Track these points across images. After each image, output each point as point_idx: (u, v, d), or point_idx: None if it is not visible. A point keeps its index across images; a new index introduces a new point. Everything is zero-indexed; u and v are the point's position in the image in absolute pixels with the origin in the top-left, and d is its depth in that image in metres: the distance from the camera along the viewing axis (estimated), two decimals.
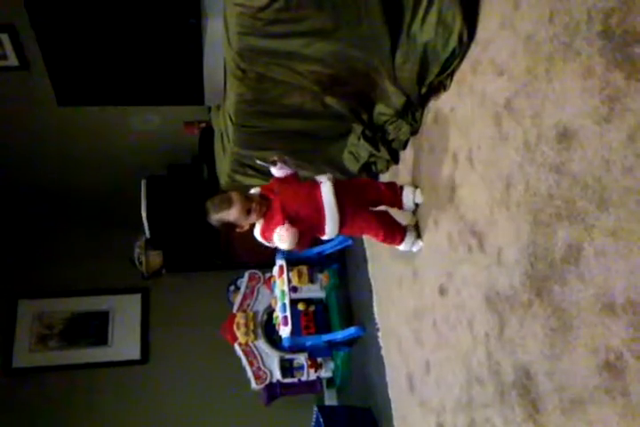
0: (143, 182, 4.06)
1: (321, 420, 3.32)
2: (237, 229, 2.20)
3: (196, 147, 4.09)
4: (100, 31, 2.64)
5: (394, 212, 2.52)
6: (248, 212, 2.12)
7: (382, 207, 2.48)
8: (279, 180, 2.25)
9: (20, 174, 4.37)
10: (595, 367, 1.35)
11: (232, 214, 2.12)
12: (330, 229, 2.22)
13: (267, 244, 2.23)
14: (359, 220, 2.31)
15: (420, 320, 2.46)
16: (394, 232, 2.41)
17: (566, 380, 1.46)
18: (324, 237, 2.31)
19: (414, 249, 2.45)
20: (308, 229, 2.19)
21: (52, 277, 4.63)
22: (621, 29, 1.32)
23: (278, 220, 2.13)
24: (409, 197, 2.44)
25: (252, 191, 2.25)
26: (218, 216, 2.14)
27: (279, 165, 2.19)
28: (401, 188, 2.46)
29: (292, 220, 2.12)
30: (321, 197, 2.20)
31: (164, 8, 2.59)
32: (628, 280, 1.26)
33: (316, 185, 2.25)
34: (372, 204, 2.41)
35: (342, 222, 2.23)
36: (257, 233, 2.22)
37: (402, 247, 2.46)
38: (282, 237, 2.08)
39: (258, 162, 2.32)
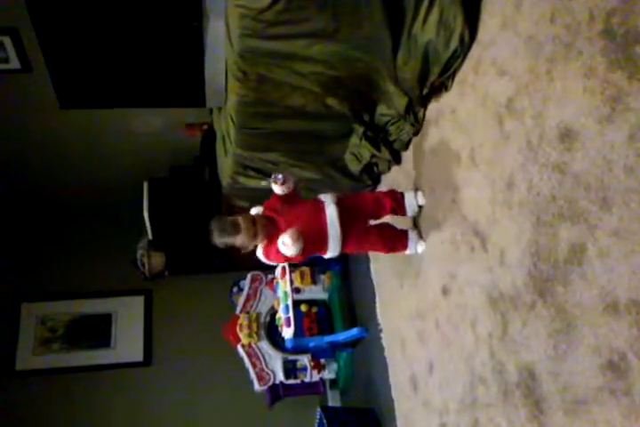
0: (145, 184, 4.07)
1: (324, 421, 3.32)
2: (242, 251, 2.19)
3: (197, 148, 4.10)
4: (102, 34, 2.64)
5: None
6: (254, 236, 2.13)
7: (387, 217, 2.48)
8: (281, 197, 2.23)
9: (22, 177, 4.37)
10: (598, 368, 1.35)
11: (239, 240, 2.12)
12: (332, 248, 2.26)
13: (268, 262, 2.25)
14: (361, 240, 2.35)
15: (423, 321, 2.46)
16: (396, 244, 2.44)
17: (570, 380, 1.46)
18: (326, 256, 2.33)
19: (419, 251, 2.45)
20: (310, 245, 2.20)
21: (54, 280, 4.63)
22: (623, 29, 1.32)
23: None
24: (412, 202, 2.43)
25: (255, 211, 2.23)
26: (223, 240, 2.13)
27: (280, 182, 2.16)
28: (401, 195, 2.45)
29: None
30: (325, 218, 2.22)
31: (166, 10, 2.59)
32: (632, 280, 1.26)
33: (320, 205, 2.26)
34: (374, 217, 2.43)
35: (344, 242, 2.26)
36: (260, 253, 2.23)
37: (407, 252, 2.47)
38: (286, 242, 2.05)
39: (263, 184, 2.29)
